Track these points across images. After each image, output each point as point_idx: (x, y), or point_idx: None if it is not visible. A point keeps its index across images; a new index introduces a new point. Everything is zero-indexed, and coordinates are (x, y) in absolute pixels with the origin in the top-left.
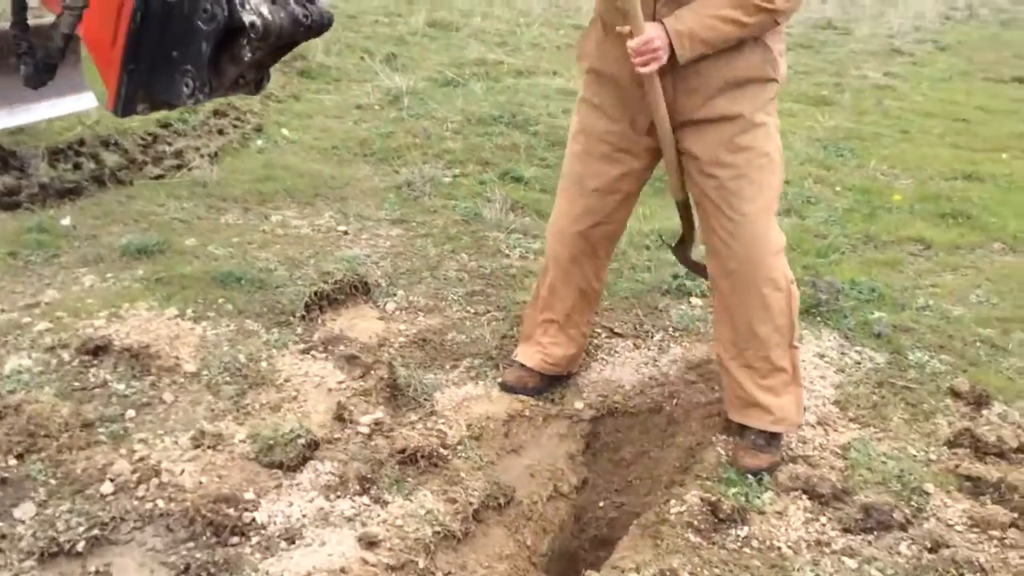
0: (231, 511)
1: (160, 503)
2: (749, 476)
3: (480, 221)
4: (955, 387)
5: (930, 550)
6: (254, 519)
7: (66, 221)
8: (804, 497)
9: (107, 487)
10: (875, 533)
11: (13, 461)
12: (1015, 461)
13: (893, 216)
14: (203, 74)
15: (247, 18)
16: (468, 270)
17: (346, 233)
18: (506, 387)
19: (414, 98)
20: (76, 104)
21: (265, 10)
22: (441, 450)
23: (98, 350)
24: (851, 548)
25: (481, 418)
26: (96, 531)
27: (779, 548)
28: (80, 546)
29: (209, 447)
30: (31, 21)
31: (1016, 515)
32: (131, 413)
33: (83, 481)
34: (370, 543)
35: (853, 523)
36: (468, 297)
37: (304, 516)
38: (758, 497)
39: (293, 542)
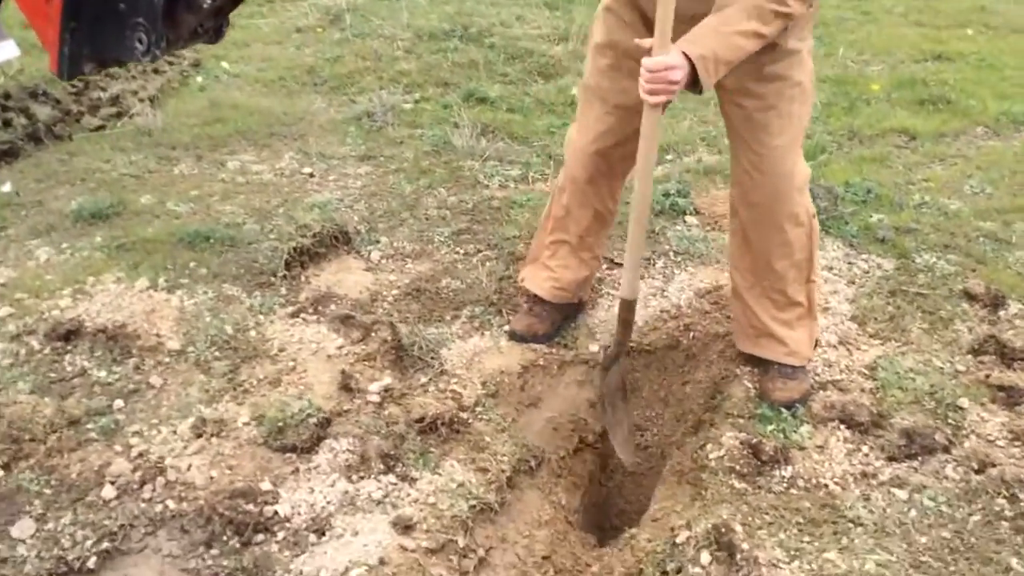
0: (250, 506)
1: (171, 504)
2: (783, 410)
3: (451, 150)
4: (969, 289)
5: (977, 471)
6: (276, 512)
7: (6, 187)
8: (842, 427)
9: (109, 491)
10: (919, 459)
11: (0, 473)
12: None
13: (873, 107)
14: (157, 27)
15: None
16: (449, 206)
17: (312, 176)
18: (515, 336)
19: (355, 15)
20: None
21: None
22: (460, 414)
23: (69, 334)
24: (898, 477)
25: (495, 373)
26: (106, 543)
27: (826, 485)
28: (91, 562)
29: (213, 435)
30: None
31: None
32: (119, 403)
33: (81, 487)
34: (405, 527)
35: (896, 450)
36: (455, 237)
37: (329, 503)
38: (795, 432)
39: (323, 534)
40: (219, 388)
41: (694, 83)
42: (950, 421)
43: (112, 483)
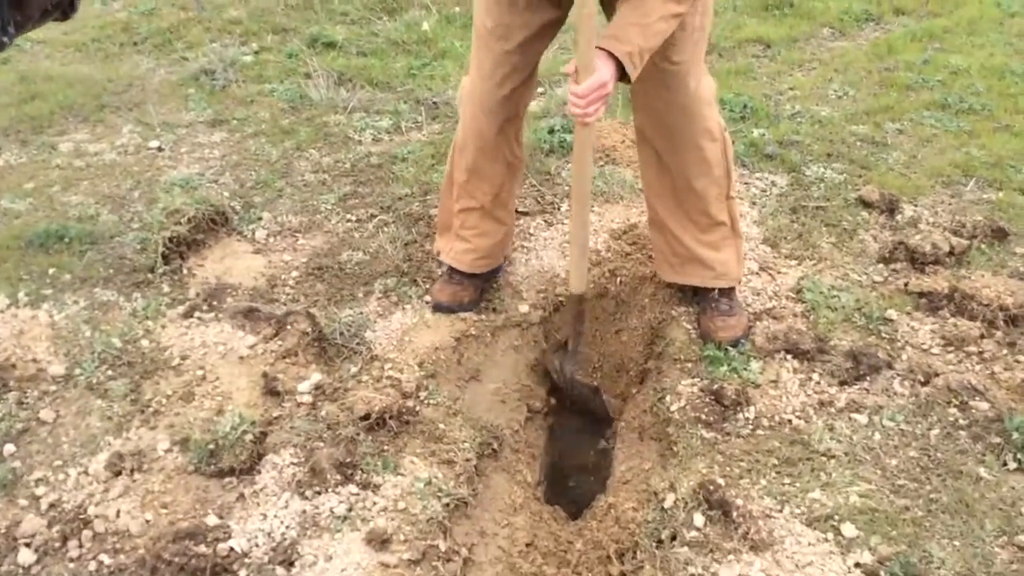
0: (201, 547)
1: (105, 559)
2: (729, 348)
3: (310, 104)
4: (864, 197)
5: (923, 383)
6: (232, 549)
7: None
8: (789, 357)
9: (26, 556)
10: (868, 379)
11: None
12: (951, 264)
13: (722, 17)
14: (3, 11)
15: None
16: (325, 169)
17: (161, 150)
18: (441, 308)
19: None
20: None
21: None
22: (405, 402)
23: None
24: (854, 402)
25: (429, 351)
26: None
27: (790, 421)
28: None
29: (134, 470)
30: None
31: (981, 324)
32: (9, 448)
33: None
34: (381, 542)
35: (845, 373)
36: (342, 203)
37: (288, 528)
38: (747, 368)
39: (292, 564)
40: (124, 413)
41: (620, 77)
42: (884, 335)
43: (27, 545)
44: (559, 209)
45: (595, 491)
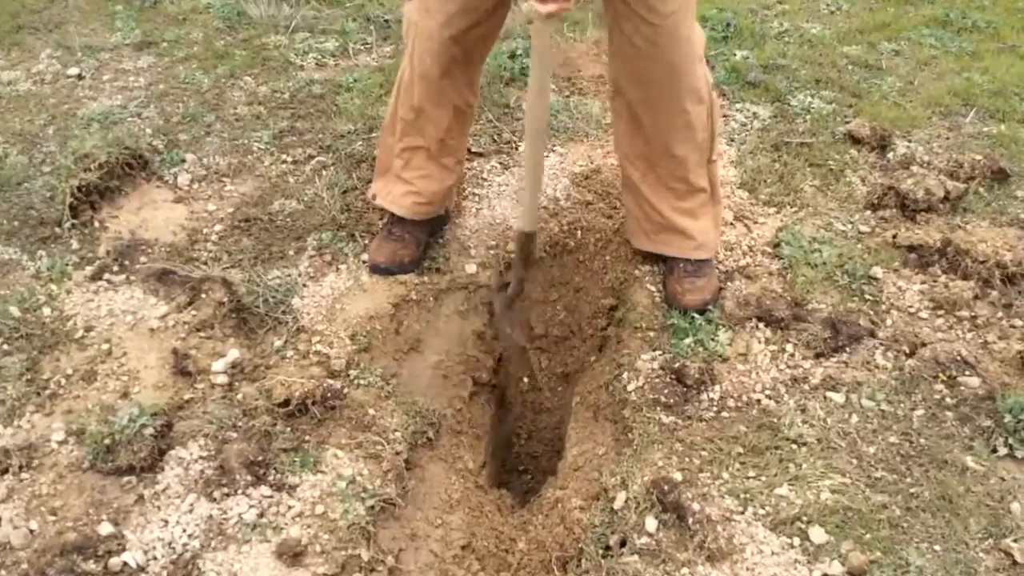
0: (90, 563)
1: None
2: (696, 316)
3: (248, 23)
4: (853, 132)
5: (908, 354)
6: (125, 564)
7: None
8: (761, 326)
9: None
10: (847, 350)
11: None
12: (945, 212)
13: None
14: None
15: None
16: (261, 99)
17: (81, 78)
18: (378, 269)
19: None
20: None
21: None
22: (331, 383)
23: None
24: (831, 378)
25: (363, 320)
26: None
27: (758, 401)
28: None
29: (22, 467)
30: None
31: (975, 284)
32: None
33: None
34: (294, 555)
35: (822, 344)
36: (277, 141)
37: (192, 537)
38: (714, 339)
39: None
40: (18, 396)
41: None
42: (867, 297)
43: None
44: (516, 149)
45: (546, 468)
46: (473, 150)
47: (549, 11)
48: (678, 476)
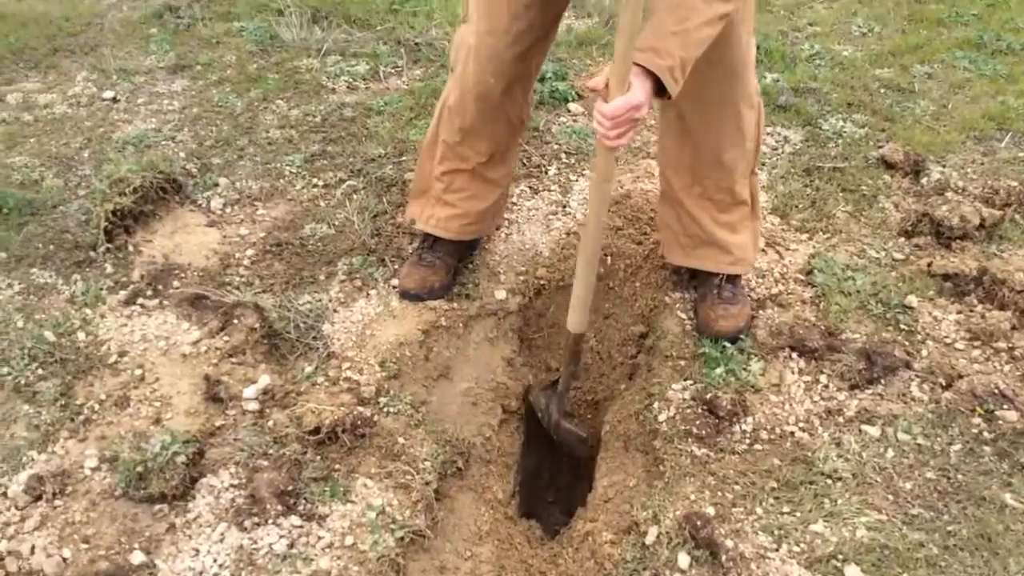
0: None
1: None
2: (727, 344)
3: (281, 46)
4: (886, 157)
5: (945, 386)
6: None
7: None
8: (795, 355)
9: None
10: (882, 382)
11: None
12: (980, 239)
13: None
14: None
15: None
16: (293, 123)
17: (116, 101)
18: (408, 296)
19: None
20: None
21: None
22: (362, 411)
23: None
24: (866, 410)
25: (393, 346)
26: None
27: (792, 433)
28: None
29: (56, 494)
30: None
31: (1012, 314)
32: None
33: None
34: None
35: (857, 376)
36: (308, 165)
37: (222, 567)
38: (746, 370)
39: None
40: (52, 420)
41: (657, 92)
42: (902, 327)
43: None
44: (546, 173)
45: (575, 498)
46: None
47: (621, 144)
48: (711, 511)
